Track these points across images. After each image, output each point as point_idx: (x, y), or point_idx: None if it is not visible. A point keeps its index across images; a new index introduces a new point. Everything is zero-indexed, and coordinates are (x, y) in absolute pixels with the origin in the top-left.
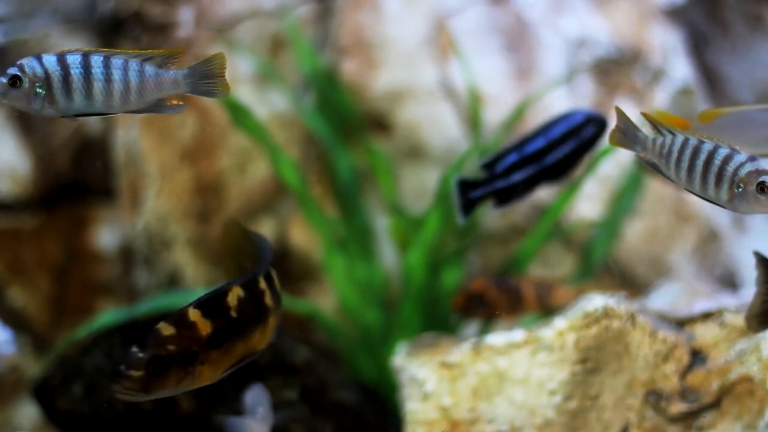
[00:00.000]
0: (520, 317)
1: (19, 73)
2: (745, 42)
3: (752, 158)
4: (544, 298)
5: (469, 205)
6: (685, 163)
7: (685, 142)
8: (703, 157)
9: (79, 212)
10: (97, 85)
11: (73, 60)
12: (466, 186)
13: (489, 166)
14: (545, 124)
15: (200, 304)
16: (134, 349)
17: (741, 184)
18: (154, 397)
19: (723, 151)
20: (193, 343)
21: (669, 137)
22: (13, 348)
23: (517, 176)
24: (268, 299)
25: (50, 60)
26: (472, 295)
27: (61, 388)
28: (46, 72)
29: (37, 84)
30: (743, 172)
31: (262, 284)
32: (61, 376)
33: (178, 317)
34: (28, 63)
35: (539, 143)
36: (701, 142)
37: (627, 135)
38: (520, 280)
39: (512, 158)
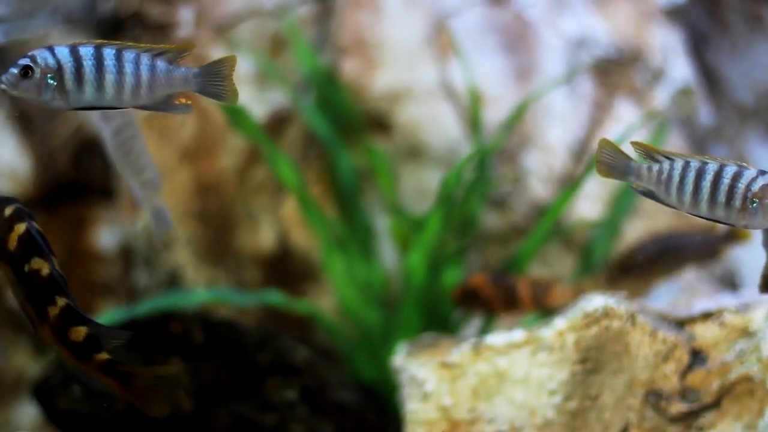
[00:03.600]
0: (518, 315)
1: (30, 64)
2: (745, 42)
3: (762, 172)
4: (541, 298)
5: None
6: (689, 187)
7: (687, 165)
8: (709, 177)
9: (79, 212)
10: (109, 78)
11: (86, 52)
12: None
13: None
14: None
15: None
16: None
17: (755, 200)
18: None
19: (731, 169)
20: None
21: (667, 163)
22: None
23: None
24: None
25: (63, 51)
26: (468, 290)
27: (61, 388)
28: (58, 63)
29: (48, 75)
30: (756, 186)
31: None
32: (61, 376)
33: (14, 205)
34: (41, 54)
35: None
36: (704, 163)
37: (616, 166)
38: (517, 279)
39: None
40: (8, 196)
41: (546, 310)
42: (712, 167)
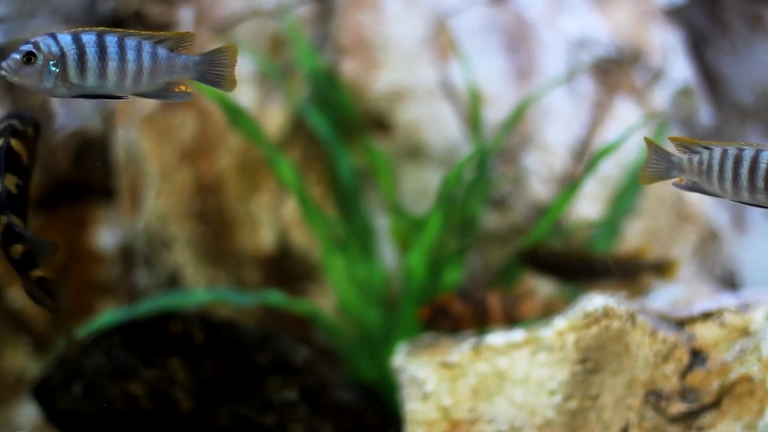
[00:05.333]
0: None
1: (33, 50)
2: (745, 42)
3: None
4: (511, 311)
5: None
6: (728, 174)
7: (725, 153)
8: (746, 164)
9: (79, 212)
10: (111, 65)
11: (89, 39)
12: None
13: None
14: None
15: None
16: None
17: None
18: None
19: (766, 154)
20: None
21: (706, 153)
22: None
23: None
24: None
25: (66, 38)
26: (437, 308)
27: (61, 388)
28: (61, 50)
29: (51, 61)
30: None
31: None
32: (61, 376)
33: (6, 122)
34: (43, 40)
35: None
36: (741, 150)
37: (660, 166)
38: (487, 293)
39: None
40: (20, 113)
41: (516, 323)
42: (748, 153)
